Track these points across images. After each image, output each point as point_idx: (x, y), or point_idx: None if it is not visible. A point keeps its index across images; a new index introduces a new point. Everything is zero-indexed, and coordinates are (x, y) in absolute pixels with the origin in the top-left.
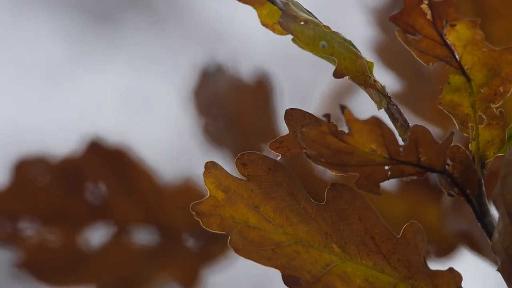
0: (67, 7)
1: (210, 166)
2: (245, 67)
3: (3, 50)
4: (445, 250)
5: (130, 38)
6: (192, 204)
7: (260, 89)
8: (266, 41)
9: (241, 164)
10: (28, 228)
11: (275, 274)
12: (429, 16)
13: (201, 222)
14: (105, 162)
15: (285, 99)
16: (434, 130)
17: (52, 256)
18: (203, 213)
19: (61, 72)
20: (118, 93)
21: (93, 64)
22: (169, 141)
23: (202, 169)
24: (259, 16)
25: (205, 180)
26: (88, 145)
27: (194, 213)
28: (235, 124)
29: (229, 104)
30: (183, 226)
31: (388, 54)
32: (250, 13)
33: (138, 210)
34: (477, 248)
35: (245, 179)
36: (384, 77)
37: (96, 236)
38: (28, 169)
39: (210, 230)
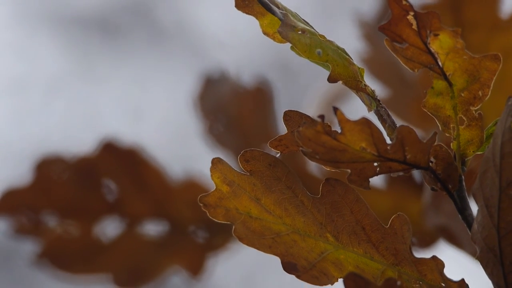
0: (74, 22)
1: (217, 162)
2: (246, 74)
3: (20, 64)
4: (427, 241)
5: (135, 49)
6: (199, 196)
7: (260, 95)
8: (265, 50)
9: (244, 160)
10: (49, 221)
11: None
12: (414, 26)
13: (208, 213)
14: (119, 161)
15: (283, 104)
16: (417, 132)
17: (70, 247)
18: (210, 204)
19: (76, 80)
20: (131, 99)
21: (106, 72)
22: (176, 142)
23: (209, 166)
24: (261, 26)
25: (211, 175)
26: (103, 146)
27: (201, 204)
28: (237, 126)
29: (231, 108)
30: (190, 219)
31: (375, 64)
32: (250, 25)
33: (149, 205)
34: (454, 241)
35: (248, 174)
36: (371, 85)
37: (111, 228)
38: (48, 167)
39: (216, 220)
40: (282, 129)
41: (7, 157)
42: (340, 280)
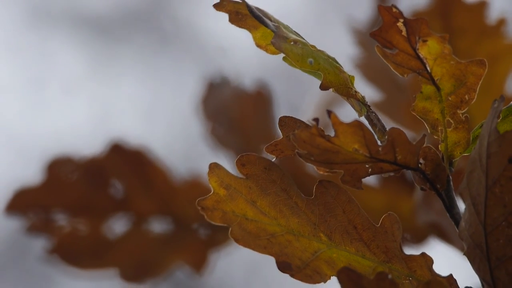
0: (84, 27)
1: (214, 167)
2: (246, 79)
3: (35, 68)
4: (419, 237)
5: (141, 54)
6: (197, 200)
7: (260, 98)
8: (265, 55)
9: (240, 164)
10: (60, 219)
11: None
12: (404, 33)
13: (205, 216)
14: (126, 161)
15: (282, 107)
16: (409, 134)
17: (80, 243)
18: (207, 207)
19: (80, 85)
20: (134, 103)
21: (114, 77)
22: (181, 143)
23: (207, 170)
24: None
25: (209, 179)
26: (111, 147)
27: (199, 208)
28: (238, 128)
29: (233, 111)
30: (194, 217)
31: (369, 69)
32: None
33: (155, 203)
34: (444, 237)
35: (244, 177)
36: (366, 89)
37: (118, 225)
38: (59, 168)
39: (213, 223)
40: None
41: (22, 153)
42: (333, 278)
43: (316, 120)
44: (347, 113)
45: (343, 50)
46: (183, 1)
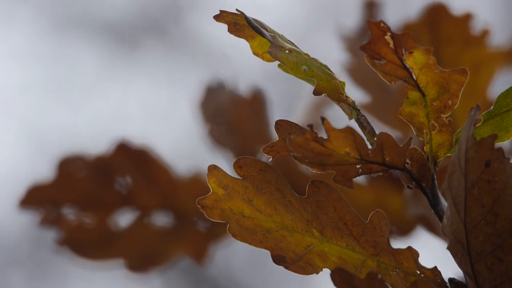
0: (100, 34)
1: (212, 169)
2: (243, 84)
3: (51, 69)
4: (405, 230)
5: (150, 59)
6: (197, 199)
7: (255, 102)
8: (260, 62)
9: (237, 167)
10: (69, 213)
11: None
12: (391, 45)
13: (205, 214)
14: (131, 159)
15: (276, 110)
16: (397, 134)
17: (88, 236)
18: (207, 206)
19: (94, 87)
20: (141, 104)
21: (120, 80)
22: (182, 143)
23: (209, 163)
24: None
25: (208, 180)
26: (117, 146)
27: (199, 206)
28: (235, 130)
29: (230, 113)
30: (194, 211)
31: (359, 74)
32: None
33: (157, 198)
34: (432, 229)
35: (241, 178)
36: (356, 93)
37: (124, 219)
38: (69, 165)
39: (213, 220)
40: (275, 133)
41: (42, 149)
42: (325, 270)
43: (310, 126)
44: (340, 113)
45: (334, 56)
46: (192, 9)
